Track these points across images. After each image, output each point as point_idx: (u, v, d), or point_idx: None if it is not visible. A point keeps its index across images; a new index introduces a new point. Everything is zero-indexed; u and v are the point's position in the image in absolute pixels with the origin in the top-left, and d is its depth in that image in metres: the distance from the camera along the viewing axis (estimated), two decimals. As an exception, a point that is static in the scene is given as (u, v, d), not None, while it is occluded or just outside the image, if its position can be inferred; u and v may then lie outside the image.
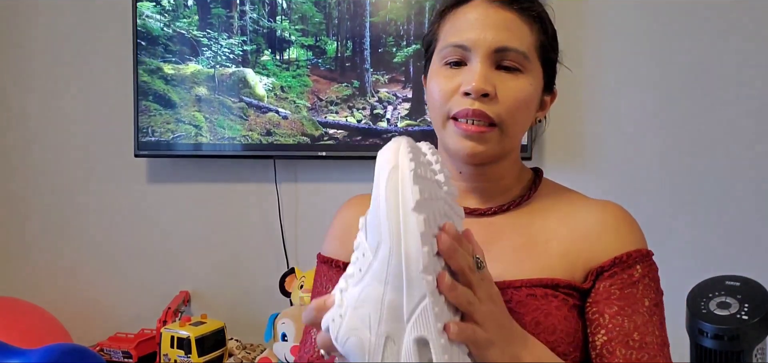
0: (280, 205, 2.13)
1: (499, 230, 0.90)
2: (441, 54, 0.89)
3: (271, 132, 2.04)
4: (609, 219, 0.89)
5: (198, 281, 2.21)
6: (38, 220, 2.34)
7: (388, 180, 0.63)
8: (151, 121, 2.11)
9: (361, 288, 0.64)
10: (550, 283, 0.84)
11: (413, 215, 0.61)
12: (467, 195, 0.93)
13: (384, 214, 0.62)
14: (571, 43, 1.95)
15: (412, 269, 0.61)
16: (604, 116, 1.94)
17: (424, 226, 0.61)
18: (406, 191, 0.62)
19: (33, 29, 2.31)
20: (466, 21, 0.87)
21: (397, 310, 0.62)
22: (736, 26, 1.85)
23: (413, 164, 0.63)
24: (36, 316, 2.03)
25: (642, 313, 0.83)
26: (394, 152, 0.64)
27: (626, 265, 0.85)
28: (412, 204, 0.61)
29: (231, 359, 1.92)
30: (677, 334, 1.10)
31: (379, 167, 0.64)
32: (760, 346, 1.02)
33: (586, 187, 0.98)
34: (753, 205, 1.85)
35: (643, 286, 0.85)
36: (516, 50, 0.86)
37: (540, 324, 0.81)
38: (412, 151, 0.65)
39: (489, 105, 0.85)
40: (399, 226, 0.62)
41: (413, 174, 0.62)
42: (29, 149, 2.34)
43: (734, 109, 1.86)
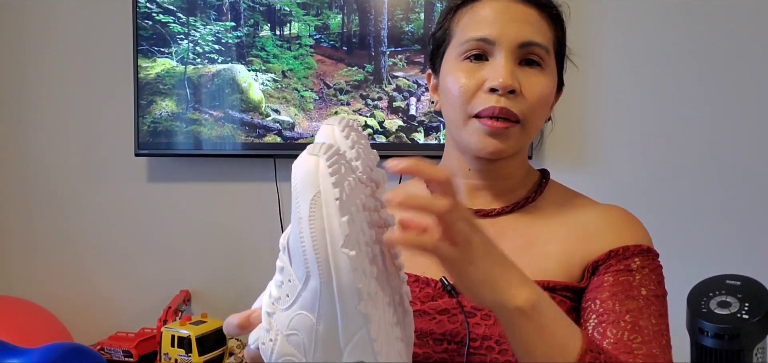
0: (281, 205, 2.13)
1: (500, 232, 0.87)
2: (459, 48, 0.86)
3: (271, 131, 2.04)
4: (609, 217, 0.87)
5: (198, 280, 2.21)
6: (38, 219, 2.34)
7: (311, 208, 0.58)
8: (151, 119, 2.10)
9: (290, 314, 0.62)
10: (546, 285, 0.81)
11: (343, 253, 0.58)
12: (474, 193, 0.91)
13: (310, 247, 0.58)
14: (572, 42, 1.95)
15: (348, 305, 0.59)
16: (604, 116, 1.94)
17: (356, 261, 0.58)
18: (333, 226, 0.58)
19: (33, 28, 2.30)
20: (486, 15, 0.85)
21: (332, 339, 0.61)
22: (738, 26, 1.85)
23: (337, 191, 0.58)
24: (36, 316, 2.04)
25: (637, 298, 0.79)
26: (313, 173, 0.59)
27: (623, 257, 0.82)
28: (341, 240, 0.57)
29: (231, 358, 1.93)
30: (677, 334, 1.10)
31: (298, 187, 0.60)
32: (760, 345, 1.03)
33: (586, 187, 0.98)
34: (753, 205, 1.85)
35: (640, 276, 0.81)
36: (539, 45, 0.84)
37: None
38: (332, 164, 0.59)
39: (515, 102, 0.82)
40: (328, 262, 0.58)
41: (339, 203, 0.58)
42: (29, 149, 2.33)
43: (735, 109, 1.86)
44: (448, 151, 0.93)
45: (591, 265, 0.83)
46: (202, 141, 2.08)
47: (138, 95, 2.11)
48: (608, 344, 0.76)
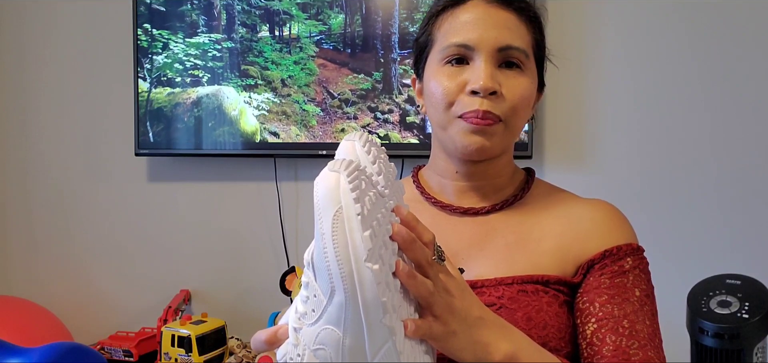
0: (281, 204, 2.13)
1: (492, 228, 0.91)
2: (441, 54, 0.89)
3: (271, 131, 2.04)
4: (600, 215, 0.90)
5: (198, 280, 2.21)
6: (39, 219, 2.34)
7: (333, 224, 0.59)
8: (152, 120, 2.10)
9: (316, 329, 0.63)
10: (540, 280, 0.85)
11: (367, 268, 0.59)
12: (463, 194, 0.94)
13: (334, 262, 0.59)
14: (571, 42, 1.96)
15: (372, 318, 0.60)
16: (603, 116, 1.94)
17: (379, 275, 0.59)
18: (356, 240, 0.59)
19: (34, 28, 2.31)
20: (466, 21, 0.88)
21: (359, 353, 0.62)
22: (737, 26, 1.85)
23: (359, 206, 0.60)
24: (37, 315, 2.04)
25: (632, 301, 0.84)
26: (334, 189, 0.60)
27: (616, 258, 0.86)
28: (364, 254, 0.59)
29: (231, 358, 1.93)
30: (677, 333, 1.10)
31: (320, 204, 0.60)
32: (760, 345, 1.02)
33: (586, 187, 0.99)
34: (753, 204, 1.85)
35: (633, 277, 0.86)
36: (518, 48, 0.87)
37: (532, 320, 0.82)
38: (353, 180, 0.61)
39: (496, 103, 0.86)
40: (353, 277, 0.59)
41: (361, 218, 0.59)
42: (29, 148, 2.34)
43: (735, 108, 1.86)
44: (436, 153, 0.96)
45: (586, 263, 0.87)
46: (203, 141, 2.08)
47: (138, 95, 2.11)
48: (607, 351, 0.81)
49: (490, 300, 0.84)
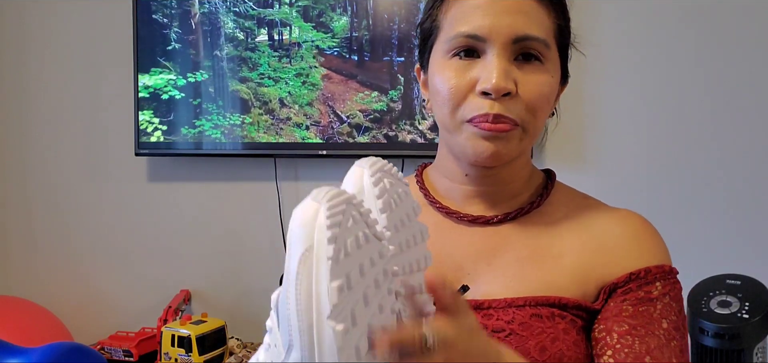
0: (281, 204, 2.13)
1: (503, 241, 0.80)
2: (448, 44, 0.77)
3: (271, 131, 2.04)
4: (627, 230, 0.79)
5: (199, 280, 2.21)
6: (39, 219, 2.34)
7: (299, 266, 0.49)
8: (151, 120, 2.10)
9: None
10: (557, 303, 0.73)
11: (328, 326, 0.48)
12: (471, 200, 0.82)
13: (294, 312, 0.49)
14: (574, 38, 1.95)
15: None
16: (605, 115, 1.94)
17: (343, 339, 0.48)
18: (321, 291, 0.48)
19: (34, 28, 2.30)
20: (476, 5, 0.75)
21: None
22: (740, 25, 1.85)
23: (332, 248, 0.48)
24: (37, 315, 2.04)
25: (658, 335, 0.71)
26: (309, 222, 0.50)
27: (644, 282, 0.74)
28: (327, 310, 0.48)
29: (231, 358, 1.93)
30: (678, 333, 1.10)
31: (291, 239, 0.50)
32: (760, 345, 1.02)
33: (586, 187, 0.97)
34: (754, 205, 1.85)
35: (661, 306, 0.73)
36: (537, 38, 0.75)
37: (545, 350, 0.71)
38: (334, 215, 0.49)
39: (510, 104, 0.74)
40: (312, 332, 0.49)
41: (331, 264, 0.48)
42: (29, 148, 2.34)
43: (736, 108, 1.86)
44: (443, 154, 0.84)
45: (609, 287, 0.75)
46: (203, 141, 2.08)
47: (138, 94, 2.11)
48: None
49: (498, 325, 0.73)
